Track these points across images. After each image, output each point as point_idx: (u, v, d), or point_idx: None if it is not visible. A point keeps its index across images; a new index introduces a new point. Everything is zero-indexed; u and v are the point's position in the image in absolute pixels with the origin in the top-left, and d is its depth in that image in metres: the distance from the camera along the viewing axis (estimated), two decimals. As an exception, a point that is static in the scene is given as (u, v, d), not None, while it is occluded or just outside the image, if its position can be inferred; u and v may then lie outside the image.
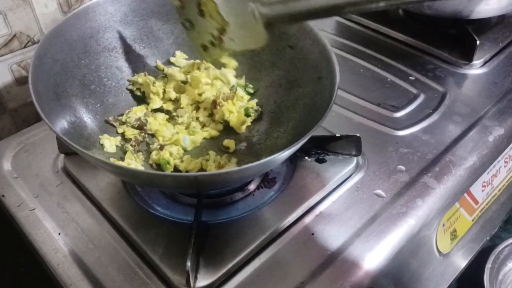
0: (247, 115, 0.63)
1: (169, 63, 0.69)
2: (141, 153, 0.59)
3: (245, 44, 0.55)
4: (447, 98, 0.73)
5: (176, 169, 0.58)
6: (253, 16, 0.50)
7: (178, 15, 0.58)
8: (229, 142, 0.61)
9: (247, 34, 0.52)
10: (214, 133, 0.62)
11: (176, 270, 0.49)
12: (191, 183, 0.48)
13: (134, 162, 0.57)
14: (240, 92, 0.65)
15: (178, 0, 0.56)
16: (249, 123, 0.63)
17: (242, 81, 0.67)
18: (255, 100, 0.65)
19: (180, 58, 0.68)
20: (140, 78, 0.65)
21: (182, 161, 0.58)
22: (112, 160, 0.56)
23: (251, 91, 0.66)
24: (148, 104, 0.65)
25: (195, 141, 0.61)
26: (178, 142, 0.60)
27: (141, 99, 0.65)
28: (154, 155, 0.58)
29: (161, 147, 0.58)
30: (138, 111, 0.63)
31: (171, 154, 0.58)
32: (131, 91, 0.65)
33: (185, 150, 0.60)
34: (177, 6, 0.57)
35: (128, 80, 0.65)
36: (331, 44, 0.57)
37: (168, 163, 0.57)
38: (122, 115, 0.62)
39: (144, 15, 0.66)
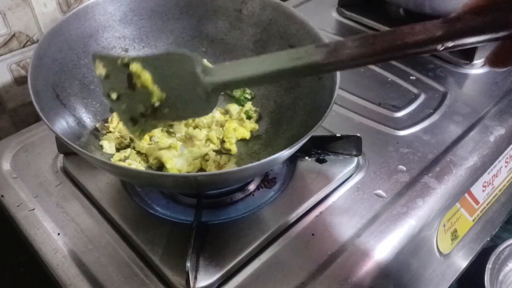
0: (249, 117, 0.63)
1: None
2: (144, 155, 0.59)
3: (187, 114, 0.49)
4: (447, 98, 0.72)
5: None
6: (195, 84, 0.44)
7: (102, 85, 0.49)
8: (230, 145, 0.60)
9: (189, 104, 0.46)
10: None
11: (175, 271, 0.49)
12: (191, 183, 0.48)
13: (135, 163, 0.57)
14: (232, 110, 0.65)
15: (103, 68, 0.48)
16: (255, 125, 0.63)
17: None
18: (250, 103, 0.65)
19: None
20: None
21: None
22: (112, 160, 0.56)
23: (249, 97, 0.66)
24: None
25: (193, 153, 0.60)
26: (176, 149, 0.59)
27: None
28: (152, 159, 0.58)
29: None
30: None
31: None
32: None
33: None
34: (100, 75, 0.48)
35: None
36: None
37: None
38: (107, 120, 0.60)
39: (143, 15, 0.65)
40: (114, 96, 0.48)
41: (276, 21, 0.63)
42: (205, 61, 0.47)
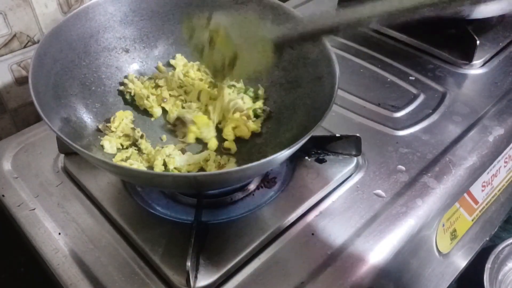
0: (257, 116, 0.63)
1: (168, 65, 0.69)
2: (145, 155, 0.59)
3: (255, 66, 0.56)
4: (447, 98, 0.73)
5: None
6: (263, 38, 0.51)
7: (189, 43, 0.58)
8: (230, 144, 0.60)
9: (256, 56, 0.53)
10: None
11: (176, 270, 0.49)
12: (191, 183, 0.48)
13: (136, 163, 0.57)
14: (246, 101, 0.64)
15: (189, 28, 0.57)
16: (259, 125, 0.63)
17: (241, 85, 0.67)
18: (261, 101, 0.65)
19: (180, 61, 0.68)
20: (132, 83, 0.63)
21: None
22: (114, 160, 0.56)
23: (251, 94, 0.66)
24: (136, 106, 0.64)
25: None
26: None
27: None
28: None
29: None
30: (123, 117, 0.61)
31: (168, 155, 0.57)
32: (121, 94, 0.64)
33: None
34: (187, 35, 0.58)
35: (119, 83, 0.64)
36: (331, 44, 0.57)
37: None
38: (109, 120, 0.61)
39: (144, 15, 0.66)
40: (200, 48, 0.57)
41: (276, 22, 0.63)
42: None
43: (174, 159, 0.57)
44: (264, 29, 0.52)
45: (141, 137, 0.60)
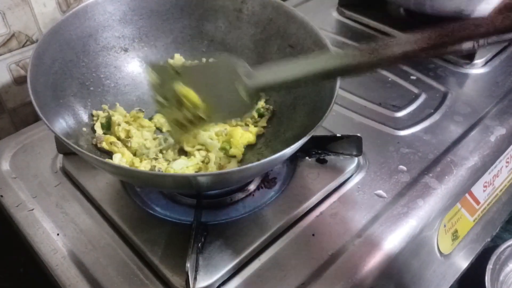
0: (261, 115, 0.63)
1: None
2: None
3: (230, 116, 0.54)
4: (448, 98, 0.72)
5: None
6: (238, 87, 0.48)
7: (154, 91, 0.54)
8: (235, 151, 0.59)
9: (232, 106, 0.50)
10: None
11: (175, 271, 0.48)
12: (191, 184, 0.48)
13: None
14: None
15: (156, 77, 0.53)
16: (264, 125, 0.62)
17: None
18: (263, 100, 0.64)
19: (178, 61, 0.68)
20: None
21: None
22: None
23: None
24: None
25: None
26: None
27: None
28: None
29: None
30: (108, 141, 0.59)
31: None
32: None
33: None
34: (154, 83, 0.53)
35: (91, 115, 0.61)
36: (331, 43, 0.57)
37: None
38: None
39: (143, 14, 0.65)
40: (163, 101, 0.52)
41: (277, 21, 0.63)
42: (246, 65, 0.49)
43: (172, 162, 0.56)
44: (236, 78, 0.47)
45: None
